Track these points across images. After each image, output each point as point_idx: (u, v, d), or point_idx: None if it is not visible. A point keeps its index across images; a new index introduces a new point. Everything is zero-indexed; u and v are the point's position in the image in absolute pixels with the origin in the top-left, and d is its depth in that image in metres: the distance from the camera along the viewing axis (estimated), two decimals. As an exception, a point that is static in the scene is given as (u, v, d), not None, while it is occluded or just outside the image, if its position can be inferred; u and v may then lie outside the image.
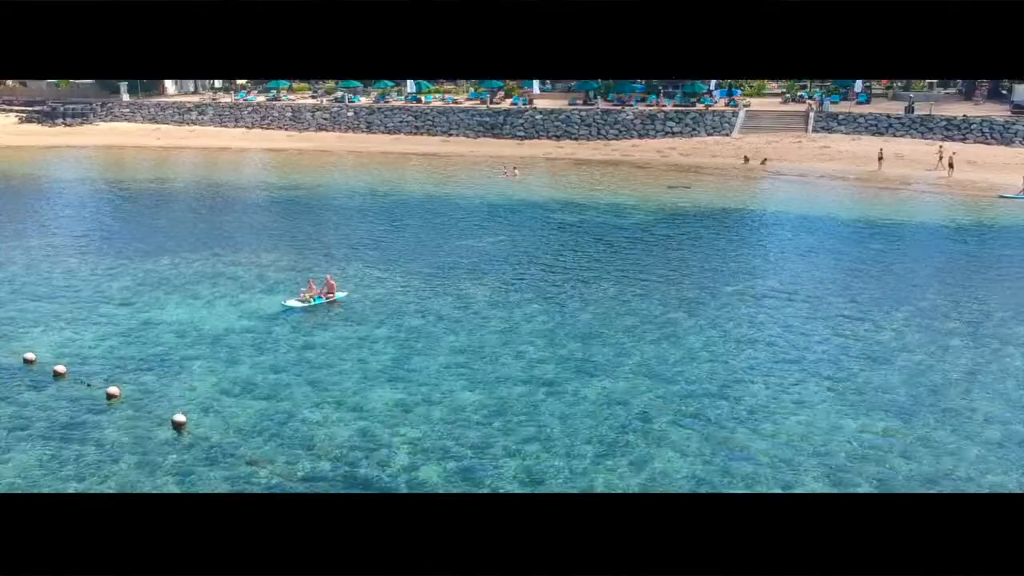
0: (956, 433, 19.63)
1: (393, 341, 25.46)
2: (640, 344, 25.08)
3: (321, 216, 45.19)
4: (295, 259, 34.72)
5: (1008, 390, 21.92)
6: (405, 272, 32.73)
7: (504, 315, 27.71)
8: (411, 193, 51.40)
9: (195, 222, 44.02)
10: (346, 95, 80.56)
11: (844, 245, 38.29)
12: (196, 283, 31.39)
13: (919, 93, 74.71)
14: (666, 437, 19.44)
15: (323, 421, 20.23)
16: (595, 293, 30.07)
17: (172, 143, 72.71)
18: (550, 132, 70.91)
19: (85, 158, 67.54)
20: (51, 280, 31.88)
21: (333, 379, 22.66)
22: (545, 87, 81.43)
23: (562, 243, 38.12)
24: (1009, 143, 60.77)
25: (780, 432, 19.65)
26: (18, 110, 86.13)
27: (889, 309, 28.23)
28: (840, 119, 67.14)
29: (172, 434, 19.56)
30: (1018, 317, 27.46)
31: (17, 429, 19.88)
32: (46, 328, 26.56)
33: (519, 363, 23.69)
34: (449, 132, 72.90)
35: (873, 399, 21.37)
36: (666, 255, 35.88)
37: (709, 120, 69.27)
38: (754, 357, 24.22)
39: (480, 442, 19.22)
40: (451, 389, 21.98)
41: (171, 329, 26.53)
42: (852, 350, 24.70)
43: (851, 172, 55.45)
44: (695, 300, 29.26)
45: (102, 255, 35.48)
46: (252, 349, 24.90)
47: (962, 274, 33.38)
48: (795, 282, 31.77)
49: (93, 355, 24.35)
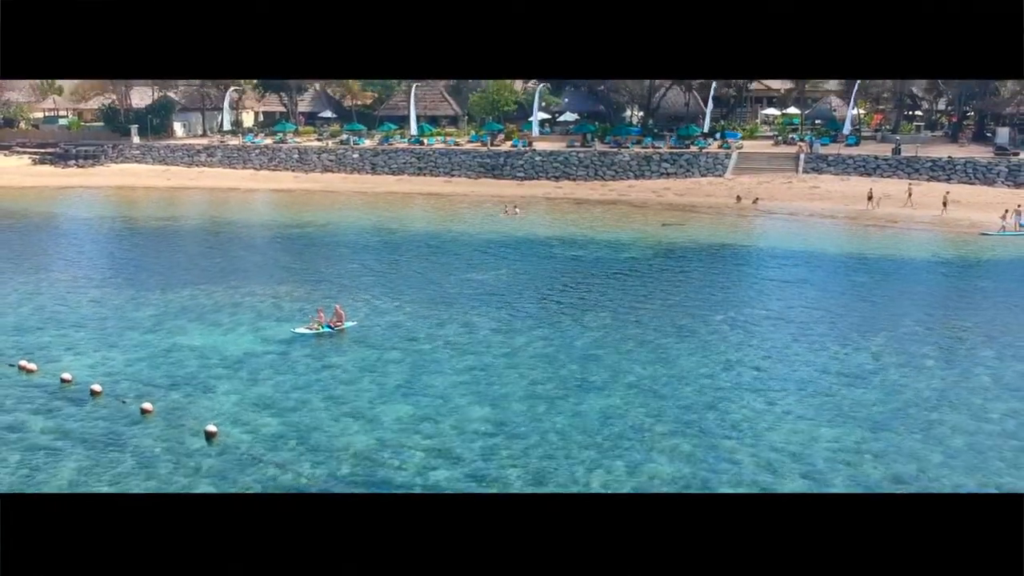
0: (923, 442, 21.37)
1: (404, 363, 27.24)
2: (634, 365, 26.89)
3: (330, 251, 47.21)
4: (307, 290, 36.56)
5: (974, 405, 23.70)
6: (412, 302, 34.57)
7: (507, 340, 29.54)
8: (416, 230, 53.51)
9: (210, 257, 46.01)
10: (351, 137, 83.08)
11: (830, 277, 40.29)
12: (215, 312, 33.21)
13: (906, 136, 77.21)
14: (657, 446, 21.15)
15: (341, 432, 21.95)
16: (593, 320, 31.92)
17: (182, 184, 74.96)
18: (549, 173, 73.26)
19: (99, 197, 69.76)
20: (79, 309, 33.70)
21: (349, 396, 24.42)
22: (544, 130, 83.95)
23: (561, 276, 40.07)
24: (991, 183, 63.10)
25: (762, 441, 21.38)
26: (31, 152, 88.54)
27: (868, 335, 30.07)
28: (830, 160, 69.55)
29: (204, 443, 21.29)
30: (988, 342, 29.33)
31: (61, 439, 21.57)
32: (78, 352, 28.33)
33: (522, 382, 25.46)
34: (451, 173, 75.24)
35: (849, 413, 23.13)
36: (660, 286, 37.81)
37: (703, 161, 71.65)
38: (740, 376, 26.02)
39: (487, 450, 20.93)
40: (459, 404, 23.73)
41: (195, 353, 28.29)
42: (832, 370, 26.51)
43: (840, 211, 57.66)
44: (687, 326, 31.10)
45: (124, 287, 37.34)
46: (271, 371, 26.66)
47: (940, 304, 35.34)
48: (782, 310, 33.67)
49: (124, 376, 26.08)
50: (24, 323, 31.76)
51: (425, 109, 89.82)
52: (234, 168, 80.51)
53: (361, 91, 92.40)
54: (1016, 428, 22.17)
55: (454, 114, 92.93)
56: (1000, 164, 64.73)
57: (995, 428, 22.17)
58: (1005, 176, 63.54)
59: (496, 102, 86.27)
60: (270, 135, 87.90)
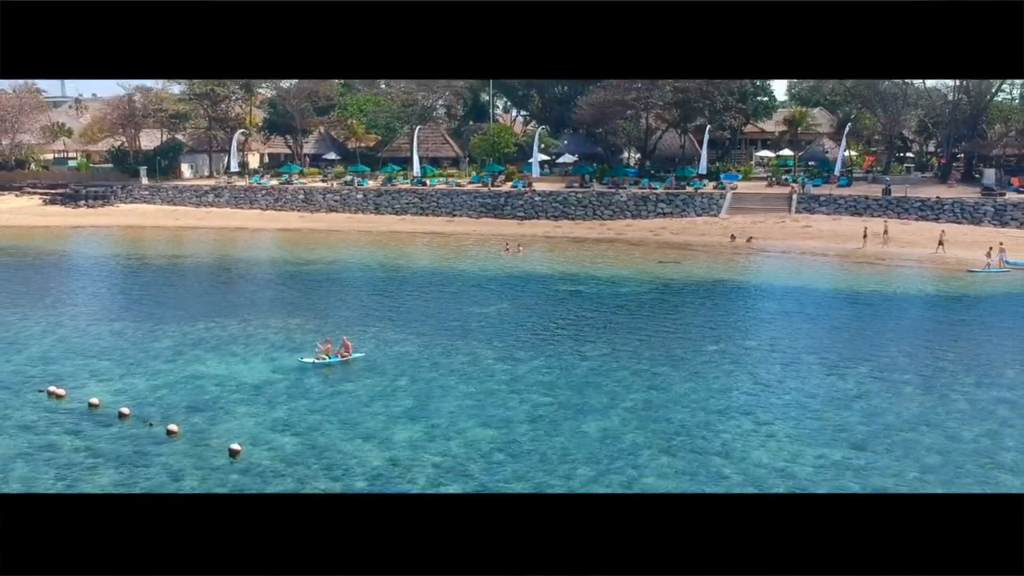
0: (900, 459, 22.85)
1: (412, 389, 28.74)
2: (630, 391, 28.41)
3: (337, 287, 48.91)
4: (317, 323, 38.09)
5: (950, 426, 25.20)
6: (418, 334, 36.12)
7: (510, 368, 31.07)
8: (420, 267, 55.29)
9: (222, 292, 47.68)
10: (355, 178, 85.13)
11: (819, 311, 41.91)
12: (230, 343, 34.74)
13: (897, 177, 79.38)
14: (651, 464, 22.62)
15: (356, 451, 23.42)
16: (591, 350, 33.47)
17: (191, 223, 76.77)
18: (548, 212, 75.15)
19: (110, 236, 71.55)
20: (100, 341, 35.24)
21: (361, 418, 25.90)
22: (543, 171, 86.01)
23: (561, 309, 41.69)
24: (979, 222, 64.90)
25: (749, 458, 22.86)
26: (42, 192, 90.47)
27: (854, 363, 31.63)
28: (821, 200, 71.50)
29: (228, 460, 22.75)
30: (967, 370, 30.90)
31: (93, 458, 23.02)
32: (103, 379, 29.82)
33: (524, 406, 26.96)
34: (453, 213, 77.11)
35: (832, 434, 24.63)
36: (656, 319, 39.41)
37: (698, 201, 73.60)
38: (731, 401, 27.57)
39: (491, 467, 22.39)
40: (465, 426, 25.21)
41: (213, 380, 29.79)
42: (817, 396, 28.05)
43: (831, 249, 59.40)
44: (681, 356, 32.67)
45: (143, 320, 38.90)
46: (287, 396, 28.15)
47: (924, 335, 36.95)
48: (772, 341, 35.27)
49: (148, 401, 27.55)
50: (49, 353, 33.31)
51: (427, 151, 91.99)
52: (241, 208, 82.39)
53: (365, 133, 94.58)
54: (989, 447, 23.66)
55: (455, 156, 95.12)
56: (986, 204, 66.67)
57: (968, 447, 23.66)
58: (991, 216, 65.39)
59: (496, 144, 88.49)
60: (276, 176, 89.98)
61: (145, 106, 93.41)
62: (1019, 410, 26.65)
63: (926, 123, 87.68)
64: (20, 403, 27.29)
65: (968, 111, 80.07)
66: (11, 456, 23.05)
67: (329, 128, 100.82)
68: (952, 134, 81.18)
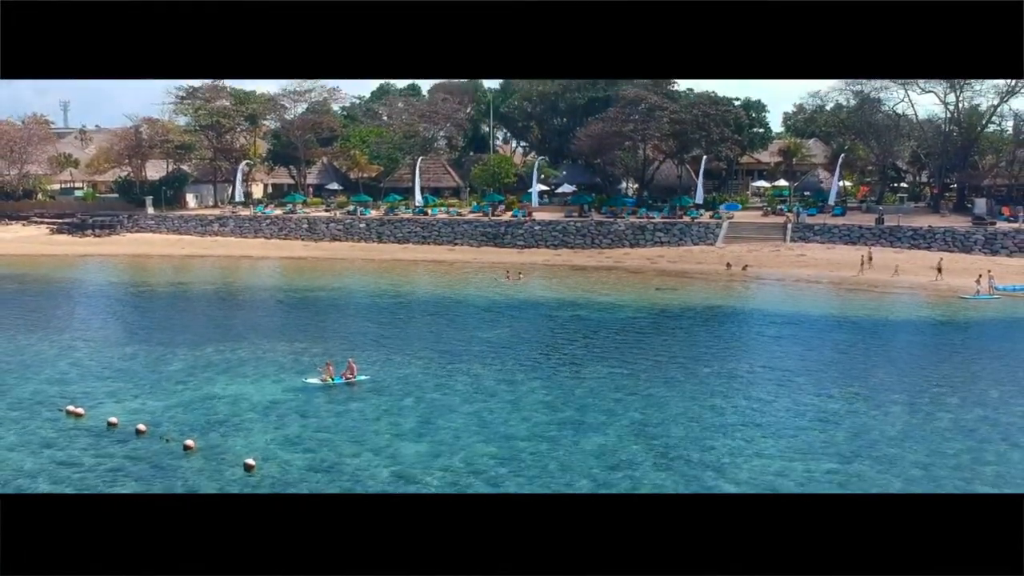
0: (883, 472, 23.96)
1: (416, 408, 29.85)
2: (626, 410, 29.53)
3: (342, 312, 50.14)
4: (324, 347, 39.24)
5: (934, 442, 26.33)
6: (421, 357, 37.26)
7: (511, 388, 32.20)
8: (423, 293, 56.57)
9: (230, 317, 48.87)
10: (358, 208, 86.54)
11: (811, 335, 43.11)
12: (240, 366, 35.88)
13: (890, 206, 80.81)
14: (646, 477, 23.71)
15: (366, 465, 24.52)
16: (589, 372, 34.62)
17: (196, 252, 78.05)
18: (548, 241, 76.53)
19: (118, 264, 72.80)
20: (112, 364, 36.37)
21: (369, 435, 27.00)
22: (543, 201, 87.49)
23: (561, 334, 42.89)
24: (969, 251, 66.26)
25: (741, 471, 23.97)
26: (49, 222, 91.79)
27: (843, 384, 32.83)
28: (816, 229, 72.87)
29: (244, 473, 23.83)
30: (951, 390, 32.08)
31: (113, 472, 24.09)
32: (119, 399, 30.92)
33: (525, 424, 28.07)
34: (454, 242, 78.49)
35: (819, 448, 25.77)
36: (653, 343, 40.59)
37: (695, 230, 75.01)
38: (723, 418, 28.70)
39: (494, 479, 23.48)
40: (469, 442, 26.31)
41: (225, 400, 30.90)
42: (807, 414, 29.20)
43: (824, 276, 60.70)
44: (676, 377, 33.82)
45: (154, 344, 40.05)
46: (297, 415, 29.26)
47: (911, 358, 38.15)
48: (765, 363, 36.43)
49: (163, 420, 28.64)
50: (66, 375, 34.46)
51: (429, 181, 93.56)
52: (246, 237, 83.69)
53: (367, 164, 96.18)
54: (968, 461, 24.79)
55: (456, 186, 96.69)
56: (977, 233, 68.09)
57: (950, 462, 24.78)
58: (982, 244, 66.76)
59: (497, 174, 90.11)
60: (280, 206, 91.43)
61: (152, 137, 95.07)
62: (1000, 428, 27.78)
63: (919, 154, 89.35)
64: (40, 422, 28.39)
65: (959, 142, 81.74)
66: (35, 471, 24.15)
67: (332, 159, 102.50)
68: (944, 164, 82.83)
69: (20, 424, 28.09)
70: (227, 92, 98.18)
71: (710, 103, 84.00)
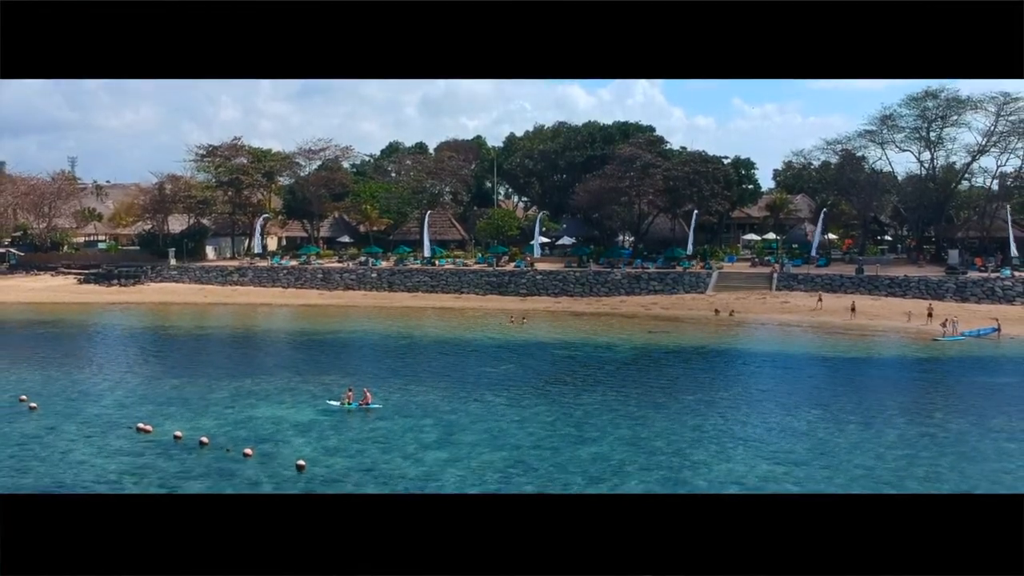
0: (833, 473, 28.62)
1: (435, 426, 34.52)
2: (619, 429, 34.20)
3: (360, 352, 54.94)
4: (348, 380, 43.92)
5: (880, 451, 31.00)
6: (435, 388, 41.98)
7: (517, 412, 36.91)
8: (433, 336, 61.38)
9: (260, 356, 53.69)
10: (369, 259, 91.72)
11: (786, 370, 47.85)
12: (276, 394, 40.61)
13: (870, 257, 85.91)
14: (633, 476, 28.36)
15: (396, 467, 29.17)
16: (586, 399, 39.36)
17: (218, 300, 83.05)
18: (549, 290, 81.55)
19: (145, 312, 77.67)
20: (164, 393, 41.09)
21: (396, 446, 31.65)
22: (544, 252, 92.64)
23: (561, 369, 47.67)
24: (941, 298, 71.12)
25: (713, 472, 28.64)
26: (76, 272, 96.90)
27: (808, 408, 37.52)
28: (800, 279, 77.87)
29: (296, 473, 28.49)
30: (901, 413, 36.75)
31: (184, 475, 28.73)
32: (176, 420, 35.59)
33: (530, 439, 32.73)
34: (460, 290, 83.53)
35: (781, 456, 30.43)
36: (644, 376, 45.35)
37: (687, 280, 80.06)
38: (700, 433, 33.37)
39: (504, 478, 28.14)
40: (482, 452, 30.97)
41: (268, 420, 35.59)
42: (773, 431, 33.88)
43: (805, 321, 65.52)
44: (663, 403, 38.55)
45: (196, 376, 44.80)
46: (333, 431, 33.94)
47: (874, 388, 42.83)
48: (742, 393, 41.14)
49: (218, 435, 33.30)
50: (124, 401, 39.22)
51: (436, 233, 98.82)
52: (264, 287, 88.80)
53: (377, 217, 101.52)
54: (904, 466, 29.46)
55: (462, 238, 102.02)
56: (948, 281, 73.15)
57: (889, 467, 29.44)
58: (953, 292, 71.76)
59: (500, 227, 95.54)
60: (295, 257, 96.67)
61: (175, 192, 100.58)
62: (938, 441, 32.44)
63: (899, 208, 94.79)
64: (114, 437, 33.05)
65: (935, 197, 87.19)
66: (119, 473, 28.77)
67: (344, 212, 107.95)
68: (922, 218, 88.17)
69: (98, 439, 32.76)
70: (245, 150, 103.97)
71: (701, 161, 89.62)
